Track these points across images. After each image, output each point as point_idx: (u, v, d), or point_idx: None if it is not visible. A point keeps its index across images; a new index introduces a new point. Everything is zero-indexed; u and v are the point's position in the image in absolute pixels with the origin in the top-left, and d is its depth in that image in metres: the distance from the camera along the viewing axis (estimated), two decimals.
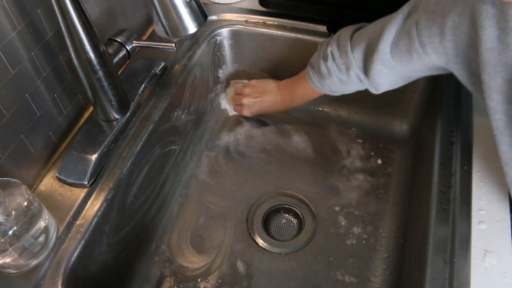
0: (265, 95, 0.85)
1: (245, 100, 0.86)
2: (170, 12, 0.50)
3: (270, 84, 0.85)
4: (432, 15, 0.52)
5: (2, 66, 0.53)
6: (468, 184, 0.58)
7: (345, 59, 0.67)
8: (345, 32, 0.69)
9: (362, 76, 0.66)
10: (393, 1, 0.75)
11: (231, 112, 0.93)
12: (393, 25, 0.59)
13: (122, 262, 0.69)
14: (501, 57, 0.45)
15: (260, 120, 0.94)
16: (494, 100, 0.47)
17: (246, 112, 0.88)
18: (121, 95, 0.66)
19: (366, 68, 0.65)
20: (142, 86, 0.73)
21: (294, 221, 0.79)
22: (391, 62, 0.61)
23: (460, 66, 0.53)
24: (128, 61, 0.68)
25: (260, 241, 0.75)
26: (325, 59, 0.69)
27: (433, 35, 0.52)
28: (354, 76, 0.67)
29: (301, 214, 0.78)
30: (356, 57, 0.65)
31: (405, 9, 0.59)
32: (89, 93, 0.63)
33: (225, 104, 0.94)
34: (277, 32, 0.85)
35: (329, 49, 0.68)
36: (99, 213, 0.60)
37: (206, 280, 0.71)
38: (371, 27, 0.65)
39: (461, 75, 0.54)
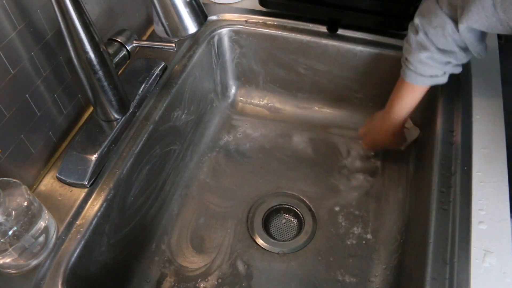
0: (378, 126, 0.80)
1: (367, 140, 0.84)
2: (170, 12, 0.50)
3: (376, 118, 0.81)
4: None
5: (2, 66, 0.53)
6: (468, 184, 0.58)
7: (438, 17, 0.61)
8: (426, 2, 0.65)
9: (459, 26, 0.59)
10: (392, 1, 0.75)
11: None
12: None
13: (122, 262, 0.69)
14: None
15: (260, 120, 0.94)
16: None
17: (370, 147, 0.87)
18: (121, 95, 0.66)
19: (461, 14, 0.58)
20: (142, 86, 0.73)
21: (294, 221, 0.79)
22: None
23: None
24: (128, 61, 0.68)
25: (260, 241, 0.75)
26: (417, 31, 0.64)
27: None
28: (450, 31, 0.60)
29: (301, 214, 0.78)
30: (447, 10, 0.60)
31: None
32: (89, 93, 0.63)
33: None
34: (277, 32, 0.85)
35: (416, 21, 0.64)
36: (99, 213, 0.60)
37: (206, 280, 0.71)
38: None
39: None
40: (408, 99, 0.72)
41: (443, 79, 0.67)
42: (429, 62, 0.64)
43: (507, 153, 0.61)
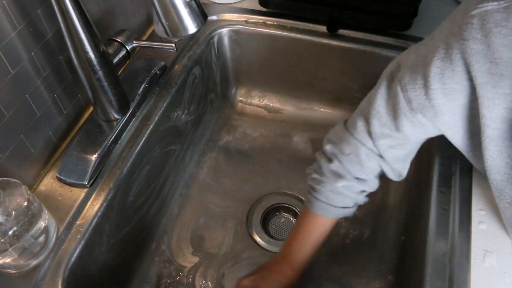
0: (268, 271, 0.65)
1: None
2: (170, 12, 0.50)
3: (265, 265, 0.67)
4: (414, 68, 0.48)
5: (2, 66, 0.53)
6: (468, 184, 0.58)
7: (351, 144, 0.57)
8: (336, 127, 0.62)
9: (374, 148, 0.56)
10: (392, 1, 0.75)
11: None
12: (379, 93, 0.54)
13: (122, 262, 0.69)
14: (497, 89, 0.42)
15: (260, 120, 0.94)
16: (500, 130, 0.44)
17: None
18: (121, 95, 0.66)
19: (373, 139, 0.56)
20: (142, 86, 0.73)
21: (293, 220, 0.79)
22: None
23: (449, 115, 0.48)
24: (128, 61, 0.68)
25: (260, 240, 0.75)
26: (330, 160, 0.59)
27: (418, 87, 0.48)
28: (365, 158, 0.56)
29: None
30: (361, 135, 0.56)
31: (386, 74, 0.54)
32: (89, 93, 0.63)
33: None
34: (277, 32, 0.85)
35: (327, 149, 0.60)
36: (99, 213, 0.60)
37: (206, 280, 0.71)
38: (360, 106, 0.59)
39: (449, 126, 0.49)
40: (317, 234, 0.63)
41: (351, 211, 0.62)
42: (344, 192, 0.59)
43: None
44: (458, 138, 0.50)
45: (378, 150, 0.56)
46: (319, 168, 0.61)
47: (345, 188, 0.58)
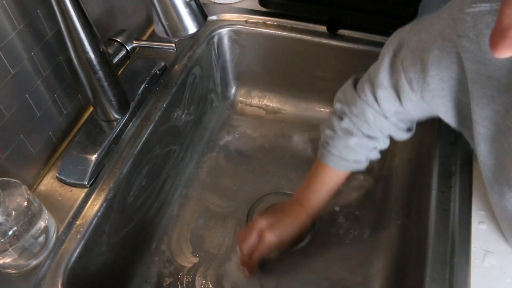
0: (284, 213, 0.68)
1: (261, 224, 0.66)
2: (170, 12, 0.50)
3: (281, 207, 0.69)
4: (415, 51, 0.50)
5: (2, 66, 0.53)
6: (468, 184, 0.58)
7: (358, 106, 0.60)
8: (345, 86, 0.63)
9: (380, 111, 0.59)
10: (392, 1, 0.75)
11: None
12: (382, 67, 0.55)
13: (122, 262, 0.69)
14: (485, 90, 0.42)
15: (260, 120, 0.94)
16: (489, 129, 0.45)
17: (272, 241, 0.65)
18: (121, 95, 0.66)
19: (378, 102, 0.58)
20: (142, 86, 0.73)
21: None
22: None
23: (446, 99, 0.50)
24: (128, 61, 0.68)
25: None
26: (341, 118, 0.62)
27: (417, 71, 0.50)
28: (372, 118, 0.59)
29: None
30: (368, 98, 0.58)
31: (389, 50, 0.55)
32: (89, 93, 0.63)
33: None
34: (277, 32, 0.85)
35: (338, 107, 0.62)
36: (99, 213, 0.60)
37: (206, 280, 0.71)
38: (369, 71, 0.60)
39: (447, 109, 0.51)
40: (330, 184, 0.66)
41: (363, 166, 0.64)
42: (356, 148, 0.61)
43: None
44: (454, 124, 0.52)
45: (384, 113, 0.58)
46: (331, 125, 0.63)
47: (357, 145, 0.61)
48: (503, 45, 0.28)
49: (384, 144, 0.63)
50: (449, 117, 0.52)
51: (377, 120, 0.59)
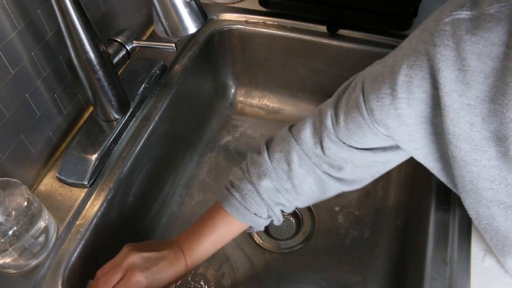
0: (161, 255, 0.56)
1: (133, 257, 0.54)
2: (170, 12, 0.50)
3: (159, 246, 0.57)
4: (380, 77, 0.47)
5: (2, 66, 0.53)
6: None
7: (286, 144, 0.54)
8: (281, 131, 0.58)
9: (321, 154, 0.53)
10: (392, 1, 0.75)
11: None
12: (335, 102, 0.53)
13: None
14: (463, 99, 0.41)
15: (260, 120, 0.94)
16: (462, 150, 0.43)
17: (140, 279, 0.53)
18: (121, 95, 0.66)
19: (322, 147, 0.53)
20: (142, 86, 0.73)
21: (293, 220, 0.79)
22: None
23: (413, 129, 0.47)
24: (128, 61, 0.68)
25: (259, 240, 0.75)
26: (259, 154, 0.56)
27: (382, 97, 0.46)
28: (296, 156, 0.54)
29: (300, 214, 0.78)
30: (306, 138, 0.54)
31: (335, 94, 0.53)
32: (89, 93, 0.63)
33: None
34: (277, 32, 0.85)
35: (261, 145, 0.57)
36: (99, 213, 0.60)
37: (206, 280, 0.71)
38: (311, 115, 0.55)
39: (415, 140, 0.48)
40: (222, 233, 0.58)
41: (262, 223, 0.57)
42: (262, 194, 0.55)
43: None
44: (420, 155, 0.49)
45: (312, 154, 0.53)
46: (245, 164, 0.58)
47: (264, 190, 0.55)
48: None
49: (286, 210, 0.56)
50: (414, 148, 0.48)
51: (302, 164, 0.54)
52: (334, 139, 0.52)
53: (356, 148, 0.52)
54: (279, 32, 0.85)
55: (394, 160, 0.54)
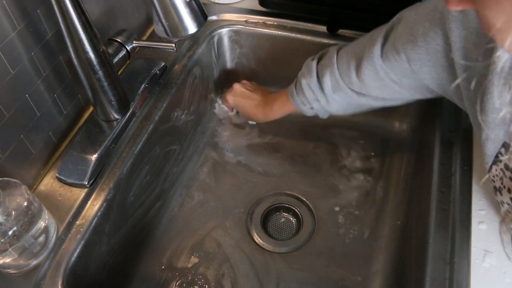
0: (255, 93, 0.83)
1: (236, 85, 0.84)
2: (170, 12, 0.50)
3: (263, 90, 0.85)
4: (409, 23, 0.56)
5: (2, 66, 0.53)
6: (468, 184, 0.58)
7: (330, 62, 0.67)
8: (329, 48, 0.70)
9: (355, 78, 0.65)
10: (392, 1, 0.75)
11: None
12: (380, 35, 0.61)
13: (122, 262, 0.69)
14: (471, 55, 0.47)
15: None
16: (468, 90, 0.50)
17: (229, 97, 0.84)
18: (121, 95, 0.66)
19: (357, 71, 0.64)
20: (142, 86, 0.73)
21: (293, 220, 0.79)
22: (382, 65, 0.61)
23: (432, 69, 0.55)
24: (128, 61, 0.68)
25: (260, 240, 0.75)
26: (312, 59, 0.70)
27: (406, 41, 0.56)
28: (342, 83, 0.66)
29: (300, 214, 0.78)
30: (342, 65, 0.65)
31: (383, 28, 0.62)
32: (89, 93, 0.63)
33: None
34: (277, 32, 0.85)
35: (313, 63, 0.70)
36: (99, 213, 0.60)
37: (206, 280, 0.71)
38: (357, 42, 0.66)
39: (432, 77, 0.56)
40: (288, 109, 0.77)
41: (307, 110, 0.72)
42: (304, 88, 0.70)
43: None
44: (440, 91, 0.57)
45: (360, 75, 0.63)
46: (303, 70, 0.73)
47: (306, 85, 0.69)
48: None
49: (323, 110, 0.71)
50: (435, 85, 0.57)
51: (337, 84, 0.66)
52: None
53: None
54: (279, 32, 0.85)
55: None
